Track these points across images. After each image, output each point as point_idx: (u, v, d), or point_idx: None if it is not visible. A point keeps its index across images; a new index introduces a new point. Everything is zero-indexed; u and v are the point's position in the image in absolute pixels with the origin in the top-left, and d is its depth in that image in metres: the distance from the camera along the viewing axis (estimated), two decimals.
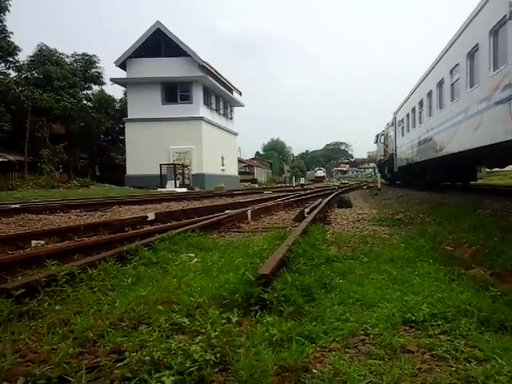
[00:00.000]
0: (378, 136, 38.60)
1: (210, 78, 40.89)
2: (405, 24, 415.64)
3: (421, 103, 19.92)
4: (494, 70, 10.63)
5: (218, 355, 2.38)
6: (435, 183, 20.07)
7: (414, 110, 21.79)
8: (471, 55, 12.57)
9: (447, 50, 15.13)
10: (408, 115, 23.48)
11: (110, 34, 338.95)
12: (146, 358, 2.27)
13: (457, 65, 13.91)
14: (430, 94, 17.91)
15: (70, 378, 2.16)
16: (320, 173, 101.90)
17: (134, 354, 2.34)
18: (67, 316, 3.07)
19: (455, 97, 14.25)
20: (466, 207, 10.10)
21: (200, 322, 2.82)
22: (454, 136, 14.14)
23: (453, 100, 14.51)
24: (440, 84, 16.23)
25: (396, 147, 28.18)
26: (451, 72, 14.67)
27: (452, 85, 14.68)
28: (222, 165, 45.32)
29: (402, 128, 25.75)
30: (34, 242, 6.95)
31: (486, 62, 11.11)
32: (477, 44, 11.83)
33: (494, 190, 16.75)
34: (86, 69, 41.30)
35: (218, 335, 2.54)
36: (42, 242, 7.08)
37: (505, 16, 9.56)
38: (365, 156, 76.34)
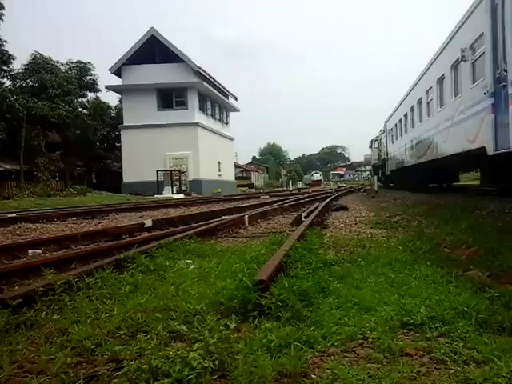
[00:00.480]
0: (372, 141, 40.66)
1: (205, 83, 40.94)
2: (403, 26, 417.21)
3: (405, 116, 22.72)
4: (455, 97, 13.34)
5: (217, 362, 2.37)
6: (423, 184, 22.09)
7: (400, 121, 24.58)
8: (440, 81, 15.22)
9: (424, 73, 17.83)
10: (396, 125, 26.41)
11: (104, 42, 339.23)
12: (145, 366, 2.26)
13: (430, 87, 16.62)
14: (412, 109, 20.77)
15: None
16: (317, 176, 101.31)
17: (132, 362, 2.33)
18: (65, 325, 3.06)
19: (430, 113, 16.94)
20: (462, 209, 10.13)
21: (198, 328, 2.81)
22: (430, 146, 16.87)
23: (428, 116, 17.30)
24: (419, 101, 18.94)
25: (387, 152, 31.04)
26: (427, 92, 17.31)
27: (428, 103, 17.37)
28: (219, 170, 45.33)
29: (392, 136, 28.61)
30: (30, 251, 6.93)
31: (449, 90, 13.89)
32: (443, 74, 14.61)
33: (472, 189, 19.02)
34: (80, 76, 41.35)
35: (216, 342, 2.54)
36: (39, 251, 7.05)
37: (458, 58, 12.32)
38: (361, 159, 76.46)
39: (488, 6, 9.96)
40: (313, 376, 2.33)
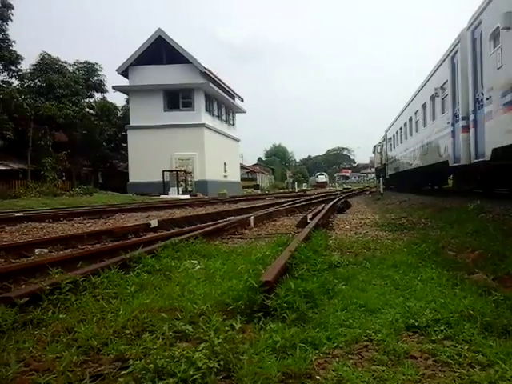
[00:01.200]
0: (375, 146, 45.08)
1: (211, 84, 40.98)
2: (411, 27, 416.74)
3: (401, 129, 27.02)
4: (432, 121, 17.30)
5: (222, 362, 2.38)
6: (416, 186, 25.59)
7: (397, 132, 28.89)
8: (424, 107, 19.07)
9: (413, 98, 22.14)
10: (394, 136, 30.91)
11: (111, 43, 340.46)
12: (150, 365, 2.27)
13: (417, 110, 20.70)
14: (405, 125, 25.16)
15: None
16: (322, 178, 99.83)
17: (138, 361, 2.34)
18: (71, 324, 3.08)
19: (418, 130, 20.98)
20: (468, 212, 10.09)
21: (203, 329, 2.83)
22: (417, 156, 21.07)
23: (416, 132, 21.38)
24: (410, 119, 23.18)
25: (387, 158, 35.36)
26: (415, 113, 21.37)
27: (416, 122, 21.41)
28: (225, 171, 45.35)
29: (391, 144, 33.13)
30: (37, 251, 6.97)
31: (429, 115, 17.90)
32: (425, 102, 18.61)
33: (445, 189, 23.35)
34: (88, 77, 41.49)
35: (221, 342, 2.55)
36: (46, 250, 7.10)
37: (433, 93, 16.27)
38: (367, 161, 76.38)
39: (450, 63, 14.19)
40: (317, 377, 2.33)
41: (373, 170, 57.88)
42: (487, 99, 10.42)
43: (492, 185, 15.10)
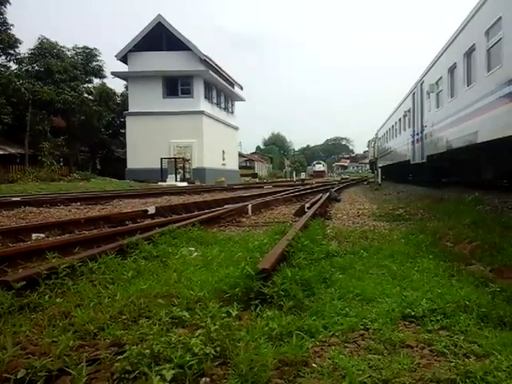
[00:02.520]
0: (369, 142, 51.85)
1: (211, 72, 40.81)
2: (408, 15, 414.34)
3: (387, 132, 33.66)
4: (404, 131, 24.30)
5: (218, 349, 2.38)
6: (399, 178, 30.00)
7: (384, 134, 36.00)
8: (399, 120, 25.94)
9: (394, 112, 28.90)
10: (382, 136, 37.97)
11: (110, 28, 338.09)
12: (146, 351, 2.27)
13: (396, 122, 27.81)
14: (389, 130, 31.79)
15: (70, 371, 2.16)
16: (319, 167, 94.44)
17: (134, 347, 2.34)
18: (68, 309, 3.08)
19: (396, 136, 27.95)
20: (466, 203, 10.10)
21: (200, 315, 2.83)
22: (395, 155, 28.30)
23: (395, 138, 28.53)
24: (393, 126, 29.37)
25: (378, 153, 40.90)
26: (395, 123, 27.98)
27: (396, 129, 27.80)
28: (223, 159, 45.31)
29: (381, 142, 39.15)
30: (34, 235, 6.96)
31: (403, 126, 24.70)
32: (400, 118, 25.53)
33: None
34: (86, 62, 41.24)
35: (217, 329, 2.55)
36: (43, 235, 7.09)
37: (404, 113, 23.50)
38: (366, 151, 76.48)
39: (411, 97, 21.70)
40: (314, 365, 2.34)
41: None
42: (425, 126, 18.18)
43: (436, 175, 19.79)
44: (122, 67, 41.48)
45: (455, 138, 13.64)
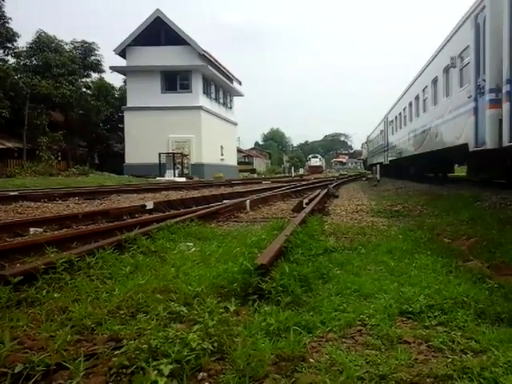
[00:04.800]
0: (362, 144, 61.03)
1: (209, 67, 40.69)
2: (409, 11, 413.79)
3: (375, 138, 41.01)
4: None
5: (216, 344, 2.39)
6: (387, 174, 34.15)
7: (373, 139, 43.46)
8: (382, 131, 33.26)
9: (380, 123, 35.21)
10: (371, 140, 45.80)
11: (109, 22, 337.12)
12: (144, 346, 2.27)
13: (381, 131, 34.19)
14: (377, 136, 38.41)
15: (68, 365, 2.17)
16: (315, 161, 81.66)
17: (132, 342, 2.34)
18: (65, 304, 3.08)
19: (380, 142, 35.31)
20: (464, 200, 10.11)
21: (198, 310, 2.83)
22: (379, 156, 35.70)
23: (378, 144, 36.78)
24: (381, 132, 34.44)
25: (368, 154, 50.48)
26: (380, 132, 34.50)
27: (382, 136, 33.16)
28: (221, 154, 45.22)
29: (371, 144, 46.22)
30: (32, 230, 6.96)
31: (384, 136, 31.42)
32: (383, 129, 32.87)
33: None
34: (85, 56, 41.08)
35: (215, 324, 2.55)
36: (40, 229, 7.08)
37: (382, 130, 33.62)
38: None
39: (383, 123, 32.43)
40: (311, 360, 2.34)
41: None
42: (388, 142, 26.38)
43: (395, 172, 25.78)
44: (121, 62, 41.40)
45: (404, 150, 22.82)
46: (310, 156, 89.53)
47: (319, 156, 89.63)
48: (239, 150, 66.34)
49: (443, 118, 14.03)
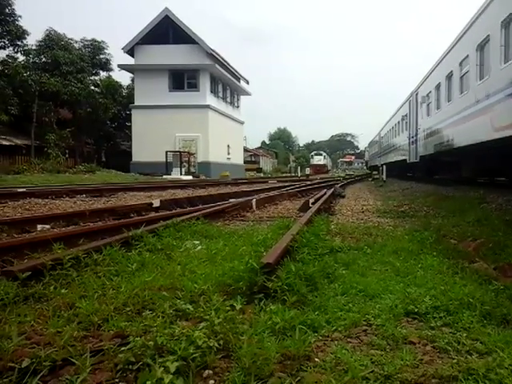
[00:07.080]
0: (365, 147, 66.47)
1: (217, 66, 40.69)
2: (420, 12, 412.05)
3: (378, 140, 44.45)
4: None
5: (221, 342, 2.40)
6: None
7: (376, 141, 47.05)
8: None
9: (384, 126, 38.68)
10: (374, 144, 50.54)
11: (118, 21, 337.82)
12: (150, 343, 2.28)
13: (385, 134, 37.19)
14: (379, 138, 43.28)
15: (74, 361, 2.18)
16: (319, 159, 74.10)
17: (138, 338, 2.35)
18: (72, 300, 3.10)
19: (385, 142, 36.92)
20: (470, 201, 10.08)
21: (204, 308, 2.84)
22: (383, 157, 37.81)
23: (381, 146, 40.12)
24: (382, 137, 39.16)
25: (369, 156, 56.86)
26: (384, 135, 37.52)
27: (388, 138, 35.01)
28: (228, 153, 45.22)
29: (372, 148, 52.81)
30: (39, 226, 6.99)
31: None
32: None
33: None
34: (94, 55, 41.14)
35: (221, 322, 2.56)
36: (48, 226, 7.12)
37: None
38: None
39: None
40: (316, 359, 2.35)
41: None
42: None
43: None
44: (129, 60, 41.48)
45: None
46: (312, 153, 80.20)
47: (324, 153, 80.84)
48: (246, 149, 66.27)
49: None
